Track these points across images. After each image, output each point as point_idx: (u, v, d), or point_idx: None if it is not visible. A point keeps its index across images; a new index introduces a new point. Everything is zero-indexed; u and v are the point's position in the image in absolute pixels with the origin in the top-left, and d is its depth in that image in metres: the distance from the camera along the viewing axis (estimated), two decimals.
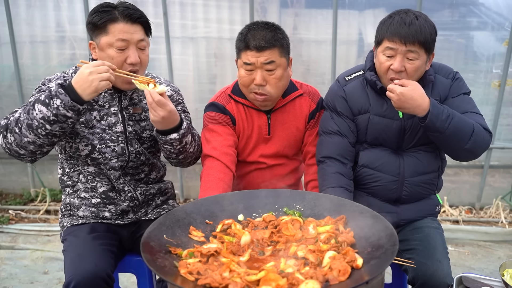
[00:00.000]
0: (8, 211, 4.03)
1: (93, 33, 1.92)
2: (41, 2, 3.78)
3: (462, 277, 1.74)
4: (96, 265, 1.80)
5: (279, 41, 2.01)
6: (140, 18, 1.91)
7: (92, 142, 1.97)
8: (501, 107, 3.69)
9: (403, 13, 1.91)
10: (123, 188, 2.06)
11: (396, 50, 1.89)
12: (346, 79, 2.12)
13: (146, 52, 1.97)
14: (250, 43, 1.98)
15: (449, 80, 2.04)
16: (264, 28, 2.01)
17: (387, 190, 2.08)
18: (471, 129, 1.90)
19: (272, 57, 1.99)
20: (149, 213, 2.14)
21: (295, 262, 1.44)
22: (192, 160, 2.13)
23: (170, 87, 2.15)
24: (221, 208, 1.79)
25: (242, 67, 2.04)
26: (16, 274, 3.17)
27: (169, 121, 1.88)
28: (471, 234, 3.63)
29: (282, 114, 2.19)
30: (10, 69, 3.92)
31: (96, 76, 1.72)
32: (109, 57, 1.88)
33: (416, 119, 2.00)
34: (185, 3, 3.71)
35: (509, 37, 3.51)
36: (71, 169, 2.07)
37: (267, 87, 2.03)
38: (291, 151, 2.26)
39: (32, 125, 1.74)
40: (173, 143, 1.94)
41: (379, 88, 2.00)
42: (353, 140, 2.11)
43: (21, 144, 1.78)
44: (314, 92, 2.26)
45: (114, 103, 2.01)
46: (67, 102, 1.71)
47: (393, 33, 1.87)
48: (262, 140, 2.21)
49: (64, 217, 2.11)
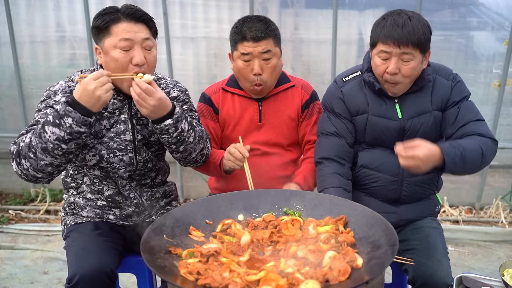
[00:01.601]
0: (8, 211, 4.03)
1: (97, 38, 1.89)
2: (41, 2, 3.77)
3: (462, 277, 1.74)
4: (101, 260, 1.79)
5: (273, 32, 2.17)
6: (143, 16, 1.88)
7: (100, 152, 1.94)
8: (501, 107, 3.69)
9: (396, 14, 1.90)
10: (129, 195, 2.05)
11: (390, 52, 1.88)
12: (343, 80, 2.12)
13: (153, 53, 1.91)
14: (247, 34, 2.12)
15: (450, 82, 2.03)
16: (258, 21, 2.16)
17: (386, 190, 2.08)
18: (480, 155, 1.89)
19: (268, 46, 2.14)
20: (153, 215, 2.14)
21: (295, 262, 1.44)
22: (198, 156, 2.06)
23: (176, 87, 2.12)
24: (221, 208, 1.80)
25: (239, 58, 2.17)
26: (16, 274, 3.16)
27: (161, 109, 1.83)
28: (471, 234, 3.62)
29: (274, 103, 2.30)
30: (10, 69, 3.92)
31: (101, 90, 1.70)
32: (114, 60, 1.84)
33: (416, 120, 2.01)
34: (185, 3, 3.71)
35: (509, 37, 3.51)
36: (75, 171, 2.05)
37: (264, 75, 2.17)
38: (285, 140, 2.34)
39: (47, 148, 1.71)
40: (169, 130, 1.87)
41: (377, 89, 2.00)
42: (351, 141, 2.12)
43: (38, 168, 1.76)
44: (307, 85, 2.38)
45: (124, 110, 1.97)
46: (79, 119, 1.69)
47: (387, 36, 1.87)
48: (254, 128, 2.31)
49: (68, 215, 2.10)
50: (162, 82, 2.11)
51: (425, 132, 2.03)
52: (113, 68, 1.85)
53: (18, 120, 4.05)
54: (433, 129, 2.04)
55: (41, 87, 3.91)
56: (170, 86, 2.11)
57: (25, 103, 3.97)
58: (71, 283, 1.75)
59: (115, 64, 1.84)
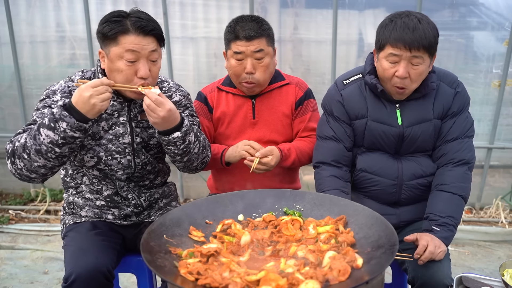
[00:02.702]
0: (8, 211, 4.03)
1: (102, 43, 1.86)
2: (41, 2, 3.77)
3: (462, 277, 1.74)
4: (97, 259, 1.79)
5: (266, 31, 2.18)
6: (153, 31, 1.84)
7: (98, 154, 1.94)
8: (501, 107, 3.68)
9: (405, 17, 1.85)
10: (127, 196, 2.05)
11: (400, 56, 1.84)
12: (344, 82, 2.10)
13: (157, 64, 1.89)
14: (240, 33, 2.14)
15: (453, 90, 2.01)
16: (251, 20, 2.18)
17: (386, 194, 2.07)
18: (463, 204, 1.99)
19: (261, 45, 2.15)
20: (152, 215, 2.14)
21: (295, 262, 1.44)
22: (199, 164, 2.07)
23: (179, 91, 2.11)
24: (221, 208, 1.80)
25: (233, 57, 2.19)
26: (16, 274, 3.16)
27: (170, 120, 1.83)
28: (471, 234, 3.62)
29: (268, 100, 2.32)
30: (10, 69, 3.92)
31: (97, 98, 1.68)
32: (119, 70, 1.82)
33: (416, 127, 2.00)
34: (185, 3, 3.71)
35: (509, 37, 3.50)
36: (75, 171, 2.05)
37: (256, 74, 2.18)
38: (279, 137, 2.33)
39: (41, 150, 1.72)
40: (177, 142, 1.88)
41: (380, 91, 1.98)
42: (349, 145, 2.10)
43: (31, 169, 1.76)
44: (301, 82, 2.39)
45: (123, 112, 1.96)
46: (73, 124, 1.68)
47: (397, 39, 1.82)
48: (248, 125, 2.32)
49: (67, 215, 2.10)
50: (165, 85, 2.09)
51: (424, 140, 2.02)
52: (117, 78, 1.84)
53: (18, 120, 4.05)
54: (432, 137, 2.03)
55: (41, 87, 3.91)
56: (173, 90, 2.09)
57: (25, 103, 3.97)
58: (68, 282, 1.75)
59: (119, 75, 1.83)
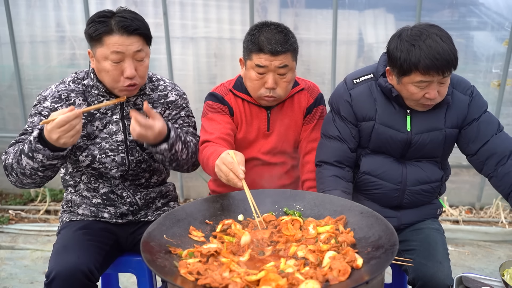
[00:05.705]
0: (8, 211, 4.02)
1: (89, 43, 1.87)
2: (41, 2, 3.77)
3: (462, 277, 1.74)
4: (79, 258, 1.79)
5: (292, 46, 2.01)
6: (137, 30, 1.82)
7: (93, 152, 1.95)
8: (501, 107, 3.68)
9: (427, 39, 1.77)
10: (122, 194, 2.05)
11: (431, 81, 1.80)
12: (354, 81, 2.03)
13: (144, 64, 1.88)
14: (265, 46, 1.95)
15: (467, 97, 1.97)
16: (277, 32, 1.99)
17: (388, 197, 2.05)
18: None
19: (286, 61, 1.98)
20: (149, 215, 2.13)
21: (295, 262, 1.44)
22: (190, 167, 2.06)
23: (175, 90, 2.09)
24: (221, 208, 1.80)
25: (254, 69, 2.01)
26: (16, 274, 3.17)
27: (158, 139, 1.84)
28: (471, 234, 3.62)
29: (281, 110, 2.18)
30: (10, 69, 3.91)
31: (66, 137, 1.65)
32: (105, 70, 1.83)
33: (425, 135, 1.95)
34: (185, 3, 3.70)
35: (509, 37, 3.50)
36: (74, 169, 2.06)
37: (278, 90, 2.03)
38: (290, 147, 2.23)
39: (25, 173, 1.79)
40: (164, 153, 1.89)
41: (395, 96, 1.92)
42: (353, 145, 2.07)
43: (22, 184, 1.86)
44: (313, 87, 2.25)
45: (116, 110, 1.97)
46: (49, 155, 1.71)
47: (428, 67, 1.75)
48: (262, 136, 2.19)
49: (65, 213, 2.12)
50: (161, 84, 2.09)
51: (432, 147, 1.99)
52: (104, 78, 1.87)
53: (18, 120, 4.05)
54: (441, 146, 2.00)
55: (41, 87, 3.90)
56: (168, 89, 2.09)
57: (25, 103, 3.97)
58: (48, 280, 1.76)
59: (106, 75, 1.84)
